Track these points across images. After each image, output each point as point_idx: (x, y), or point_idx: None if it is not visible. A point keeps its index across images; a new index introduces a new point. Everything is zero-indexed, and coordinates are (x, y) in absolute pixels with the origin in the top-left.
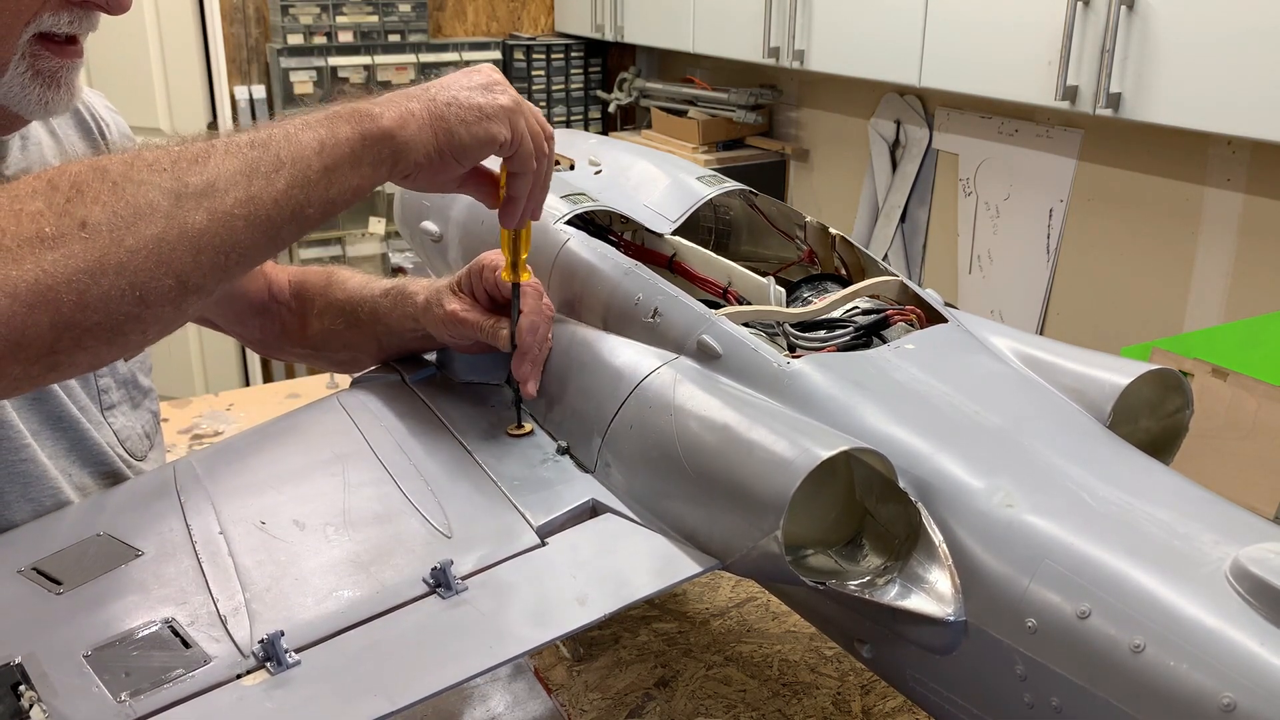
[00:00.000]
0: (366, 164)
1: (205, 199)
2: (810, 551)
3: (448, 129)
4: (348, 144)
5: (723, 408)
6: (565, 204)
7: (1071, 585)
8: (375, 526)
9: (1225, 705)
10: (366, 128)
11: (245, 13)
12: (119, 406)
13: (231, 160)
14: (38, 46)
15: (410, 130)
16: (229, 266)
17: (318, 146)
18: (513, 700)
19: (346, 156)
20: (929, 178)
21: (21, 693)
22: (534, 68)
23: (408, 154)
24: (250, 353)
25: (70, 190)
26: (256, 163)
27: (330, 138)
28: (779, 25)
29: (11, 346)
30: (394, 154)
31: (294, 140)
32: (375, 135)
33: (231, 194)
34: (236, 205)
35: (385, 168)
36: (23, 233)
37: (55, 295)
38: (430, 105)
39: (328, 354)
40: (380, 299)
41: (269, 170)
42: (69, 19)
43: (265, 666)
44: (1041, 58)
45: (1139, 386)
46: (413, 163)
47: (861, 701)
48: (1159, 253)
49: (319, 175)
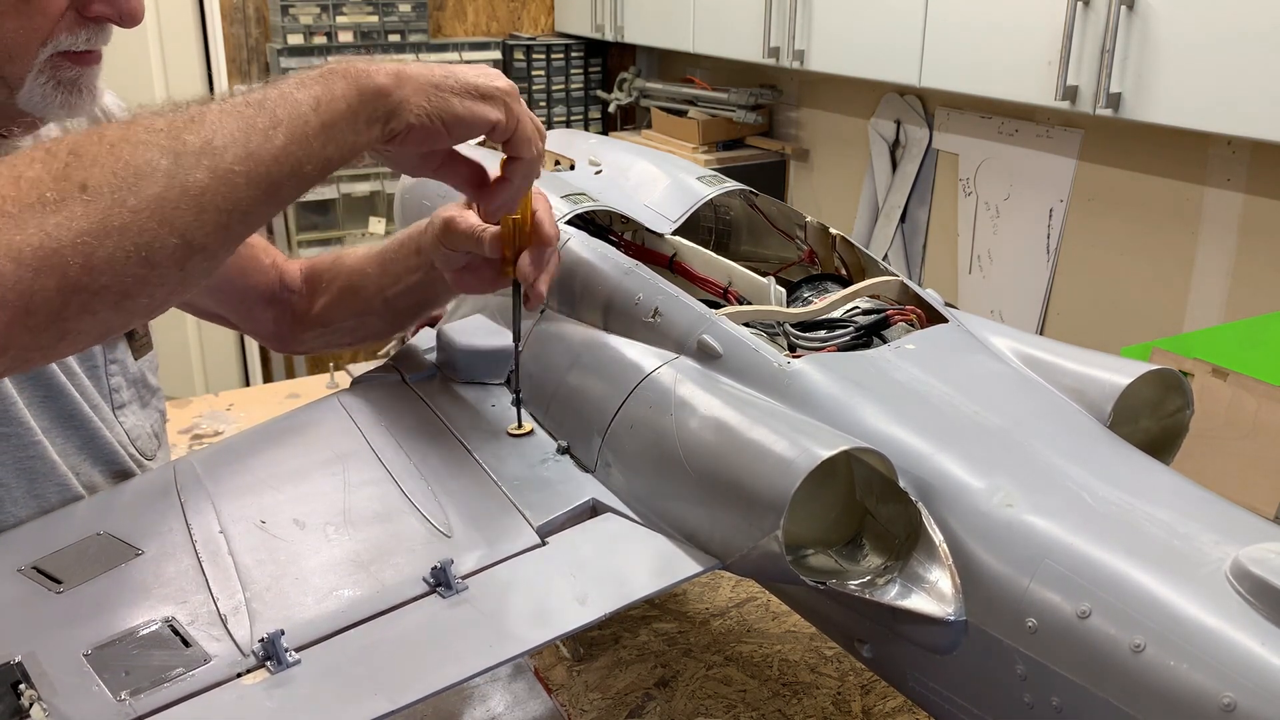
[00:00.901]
0: (362, 120)
1: (205, 157)
2: (810, 551)
3: (442, 97)
4: (344, 99)
5: (723, 407)
6: (565, 204)
7: (1072, 585)
8: (375, 526)
9: (1225, 705)
10: (363, 84)
11: (245, 13)
12: (129, 406)
13: (228, 119)
14: (58, 59)
15: (406, 90)
16: (232, 225)
17: (313, 103)
18: (513, 700)
19: (343, 113)
20: (929, 178)
21: (21, 691)
22: (534, 68)
23: (401, 113)
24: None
25: (68, 156)
26: (253, 120)
27: (326, 94)
28: (779, 25)
29: (19, 313)
30: (389, 112)
31: (289, 98)
32: (371, 91)
33: (230, 151)
34: (236, 162)
35: (379, 125)
36: (23, 198)
37: (61, 258)
38: (428, 73)
39: (337, 326)
40: (387, 247)
41: (266, 127)
42: (85, 36)
43: (265, 665)
44: (1041, 58)
45: (1139, 386)
46: (405, 123)
47: (861, 701)
48: (1159, 253)
49: (316, 131)
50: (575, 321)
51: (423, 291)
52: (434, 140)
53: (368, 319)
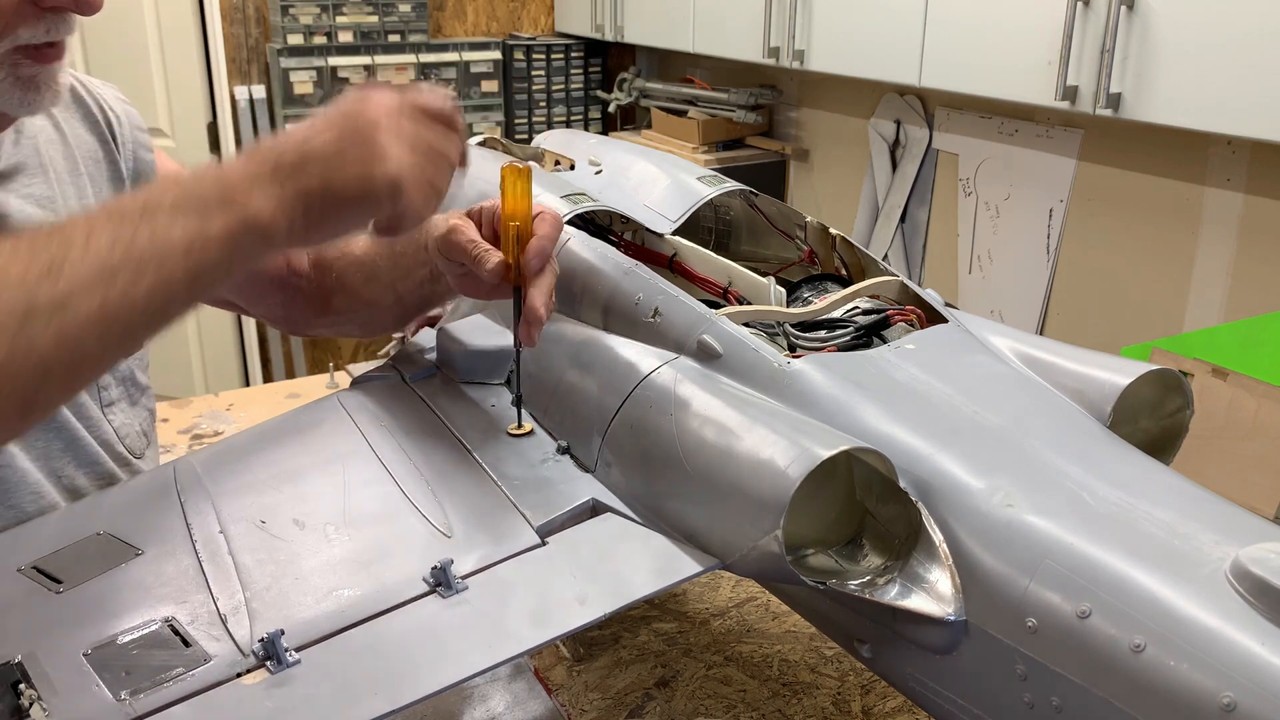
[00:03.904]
0: (237, 261)
1: (56, 315)
2: (810, 551)
3: (317, 221)
4: (216, 244)
5: (723, 407)
6: (565, 204)
7: (1072, 585)
8: (375, 526)
9: (1225, 705)
10: (246, 217)
11: (245, 13)
12: (118, 404)
13: (89, 266)
14: (17, 55)
15: (296, 220)
16: (78, 381)
17: (185, 246)
18: (513, 700)
19: (214, 257)
20: (929, 178)
21: (21, 691)
22: (534, 68)
23: (291, 241)
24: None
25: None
26: (116, 271)
27: (200, 236)
28: (779, 25)
29: None
30: (266, 245)
31: (160, 240)
32: (244, 230)
33: (85, 307)
34: (89, 320)
35: (259, 257)
36: None
37: None
38: (334, 180)
39: (348, 316)
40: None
41: (128, 280)
42: (45, 28)
43: (265, 665)
44: (1041, 58)
45: (1139, 386)
46: (295, 246)
47: (861, 701)
48: (1159, 253)
49: (184, 278)
50: (575, 321)
51: (433, 285)
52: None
53: (378, 310)
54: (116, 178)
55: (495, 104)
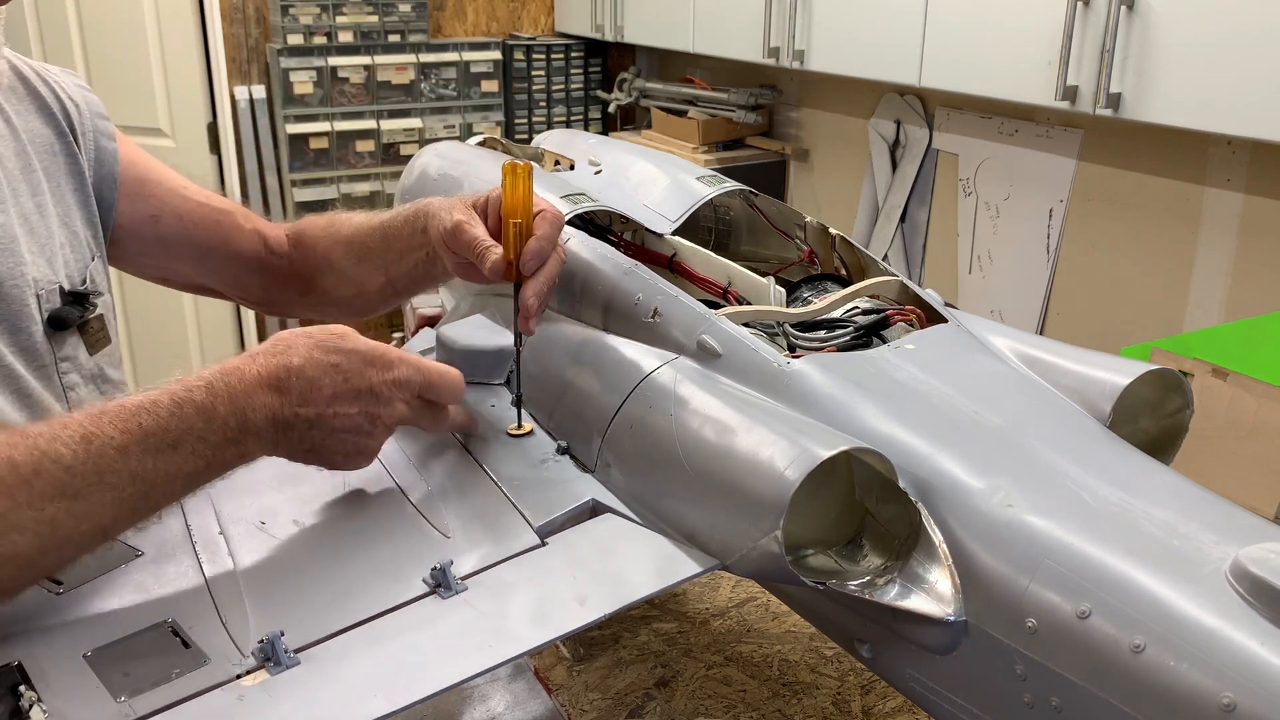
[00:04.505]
0: (193, 490)
1: (68, 547)
2: (810, 551)
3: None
4: (181, 480)
5: (723, 407)
6: (565, 204)
7: (1071, 585)
8: (375, 526)
9: (1225, 705)
10: (211, 459)
11: (245, 13)
12: (86, 403)
13: (27, 536)
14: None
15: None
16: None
17: (170, 478)
18: (513, 700)
19: (176, 492)
20: (929, 178)
21: (21, 693)
22: (534, 68)
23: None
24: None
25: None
26: (54, 532)
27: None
28: (779, 25)
29: None
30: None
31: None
32: (225, 459)
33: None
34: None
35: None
36: None
37: None
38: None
39: (334, 296)
40: (391, 220)
41: (64, 537)
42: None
43: (265, 666)
44: (1041, 58)
45: (1139, 386)
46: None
47: (861, 701)
48: (1159, 253)
49: (137, 513)
50: (575, 321)
51: (426, 268)
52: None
53: (366, 293)
54: (75, 169)
55: (495, 104)
